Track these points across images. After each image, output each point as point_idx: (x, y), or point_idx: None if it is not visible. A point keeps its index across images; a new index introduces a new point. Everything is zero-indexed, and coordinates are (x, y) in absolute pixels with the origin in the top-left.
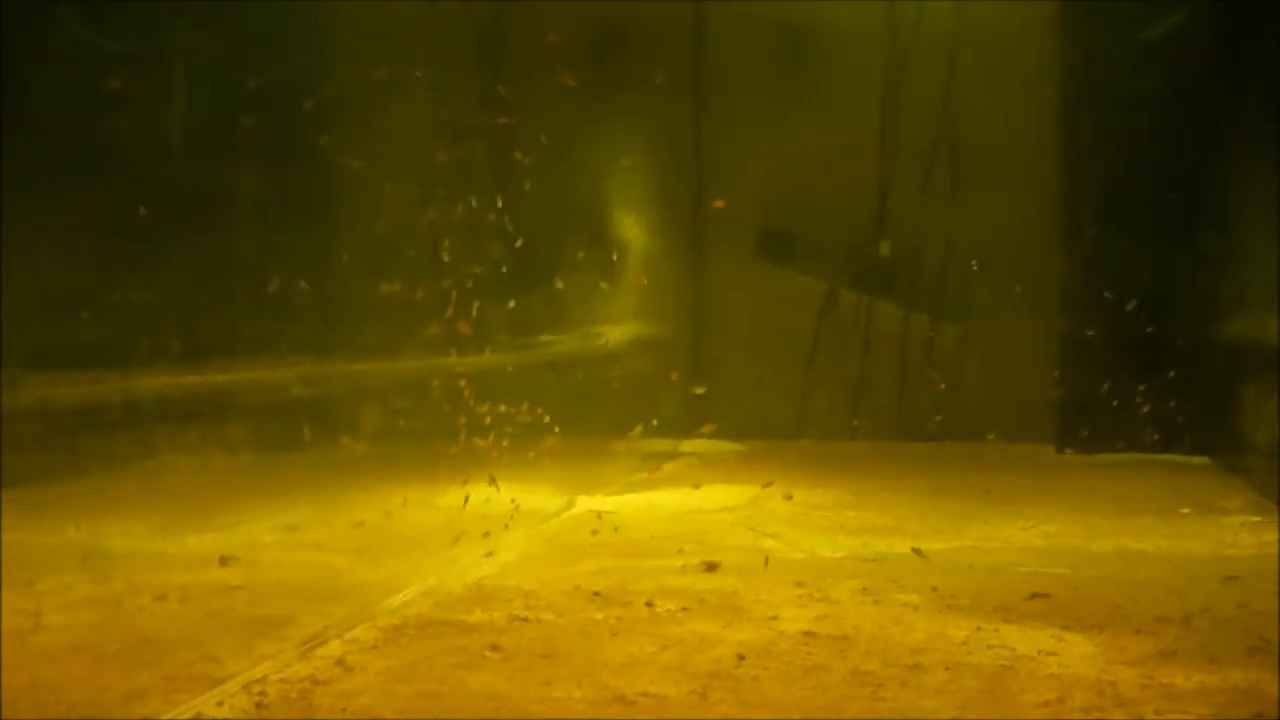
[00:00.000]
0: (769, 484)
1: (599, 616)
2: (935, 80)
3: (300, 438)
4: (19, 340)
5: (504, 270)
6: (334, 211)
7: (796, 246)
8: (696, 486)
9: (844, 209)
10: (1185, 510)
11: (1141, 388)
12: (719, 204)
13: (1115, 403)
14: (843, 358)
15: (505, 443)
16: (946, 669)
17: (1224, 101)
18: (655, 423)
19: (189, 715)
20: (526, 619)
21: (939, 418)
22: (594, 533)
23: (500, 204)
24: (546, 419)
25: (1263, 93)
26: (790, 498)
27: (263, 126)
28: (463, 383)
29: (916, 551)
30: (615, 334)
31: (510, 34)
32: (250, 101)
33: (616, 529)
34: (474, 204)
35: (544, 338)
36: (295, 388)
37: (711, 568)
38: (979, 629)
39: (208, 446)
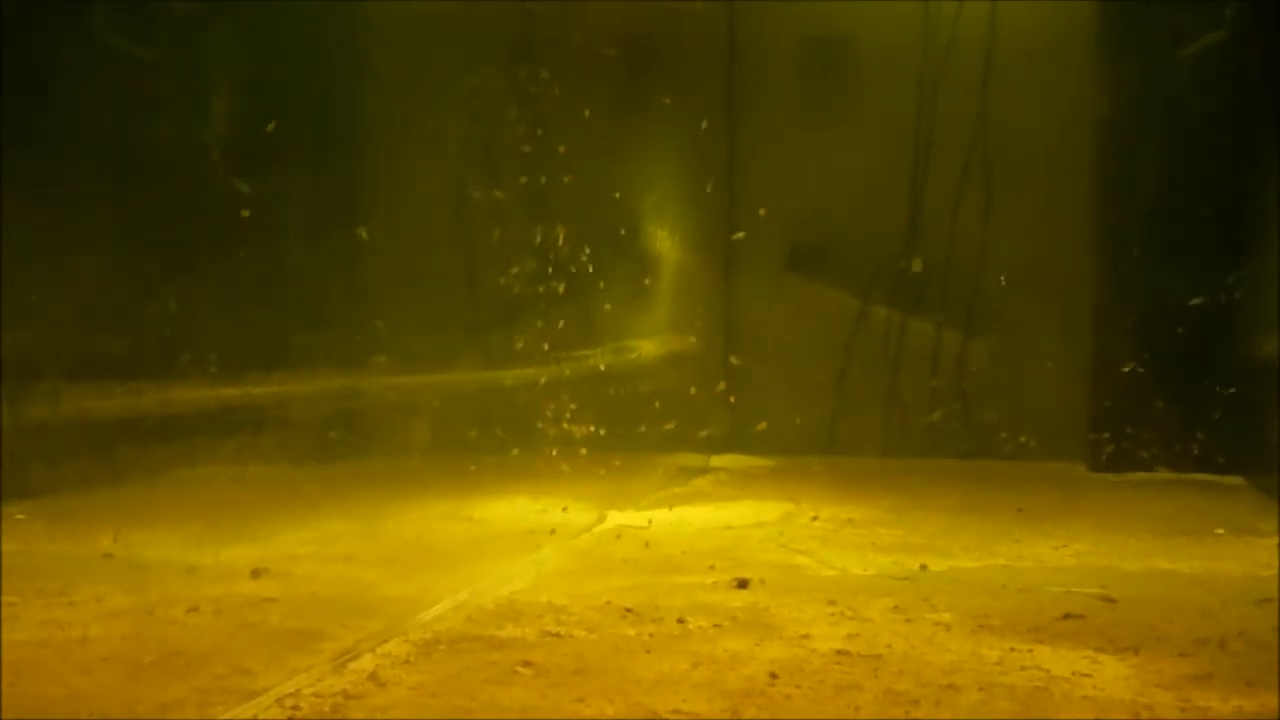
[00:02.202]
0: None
1: (631, 633)
2: (970, 94)
3: (336, 450)
4: (60, 351)
5: (539, 285)
6: (373, 225)
7: (828, 261)
8: (726, 501)
9: (877, 224)
10: (1219, 531)
11: (1175, 407)
12: (739, 236)
13: (1148, 422)
14: (874, 373)
15: (540, 456)
16: (980, 689)
17: (1267, 117)
18: (694, 435)
19: None
20: (558, 634)
21: (971, 435)
22: (617, 539)
23: (535, 220)
24: (580, 433)
25: None
26: (816, 518)
27: (302, 138)
28: (497, 396)
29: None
30: (648, 348)
31: (544, 50)
32: (289, 112)
33: (648, 544)
34: (509, 219)
35: (578, 352)
36: (333, 401)
37: (743, 584)
38: (1013, 649)
39: (244, 458)
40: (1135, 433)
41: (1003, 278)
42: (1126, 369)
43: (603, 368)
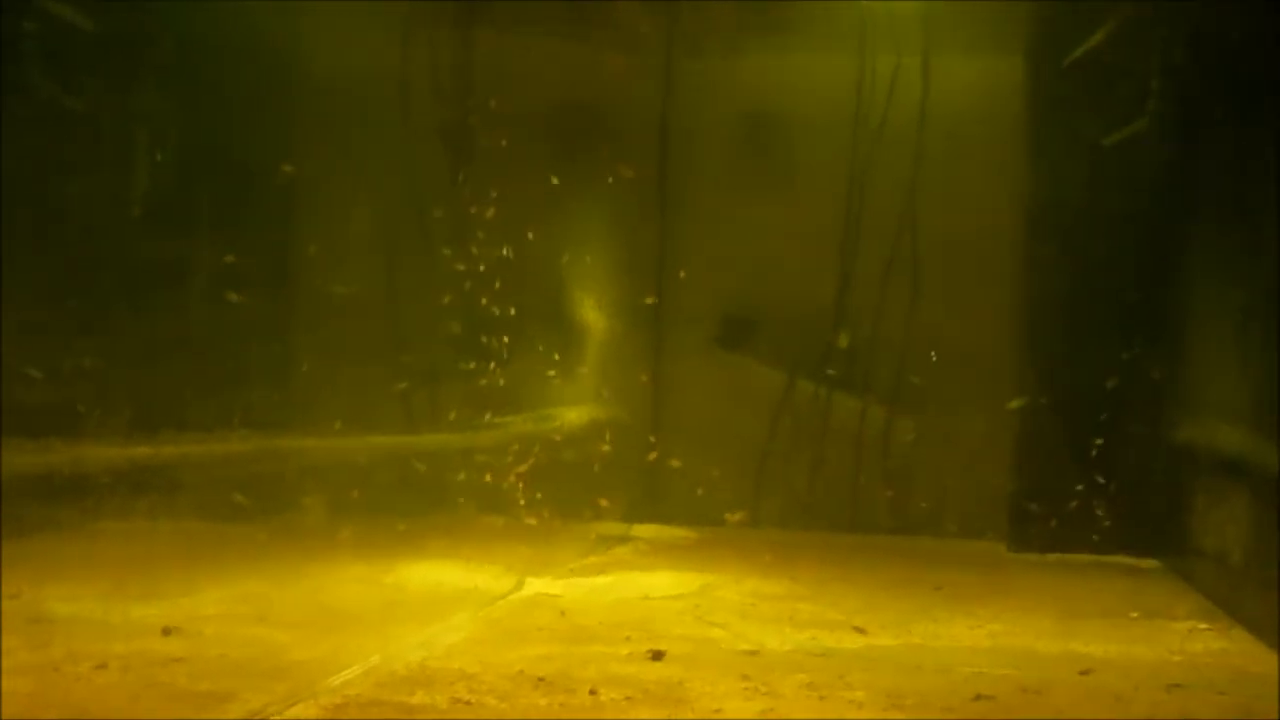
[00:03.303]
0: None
1: (542, 703)
2: (900, 173)
3: (251, 511)
4: None
5: (461, 351)
6: (290, 286)
7: (758, 333)
8: (645, 570)
9: (806, 298)
10: (1134, 614)
11: (1095, 488)
12: (651, 300)
13: (1068, 502)
14: (799, 447)
15: (459, 522)
16: None
17: (1188, 206)
18: (606, 505)
19: None
20: (469, 703)
21: (894, 511)
22: (534, 606)
23: (459, 286)
24: (500, 499)
25: (1222, 199)
26: (735, 592)
27: (227, 195)
28: (417, 460)
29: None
30: (571, 416)
31: (478, 116)
32: (216, 169)
33: (564, 613)
34: (433, 285)
35: (502, 418)
36: (250, 461)
37: (658, 656)
38: None
39: (156, 516)
40: (1054, 513)
41: (932, 353)
42: (1047, 450)
43: (525, 434)
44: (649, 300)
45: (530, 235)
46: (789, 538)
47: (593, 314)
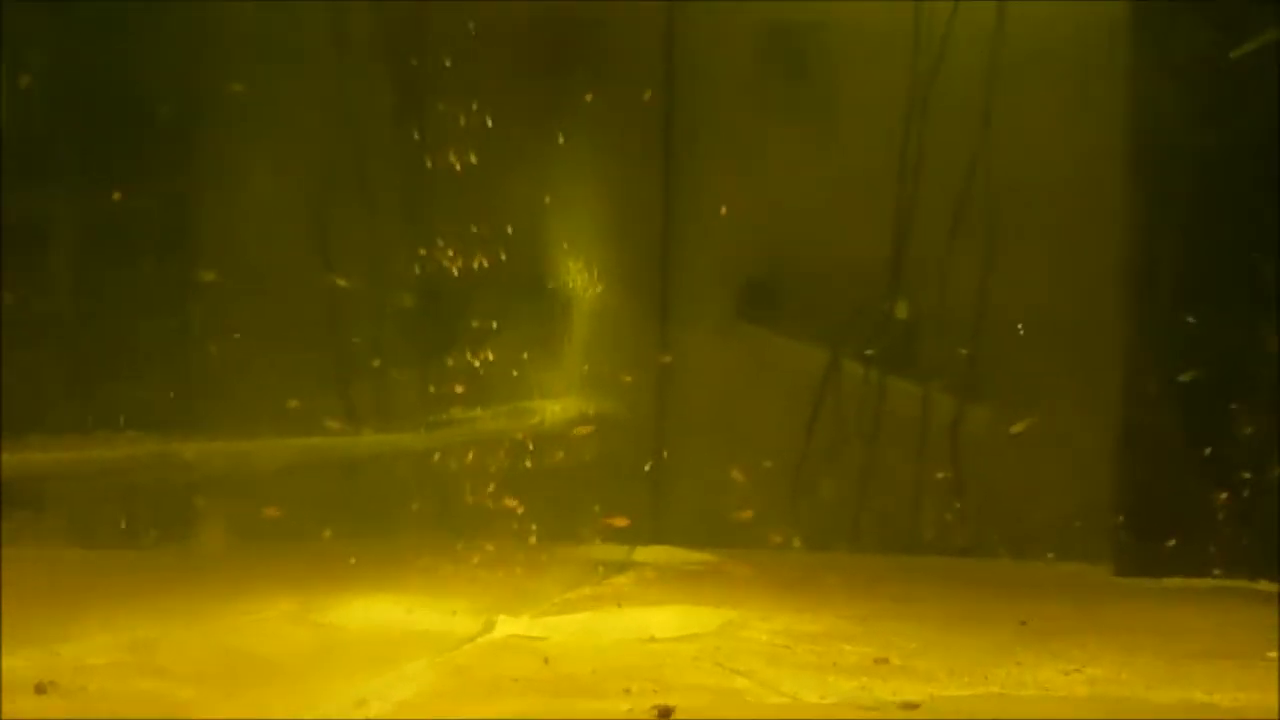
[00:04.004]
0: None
1: None
2: (969, 99)
3: (142, 533)
4: None
5: (415, 330)
6: (191, 250)
7: (789, 304)
8: (650, 605)
9: (852, 258)
10: (1271, 655)
11: (1221, 496)
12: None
13: (1188, 514)
14: (845, 447)
15: (412, 545)
16: None
17: None
18: (602, 521)
19: None
20: None
21: (965, 527)
22: (509, 652)
23: (411, 248)
24: (467, 517)
25: None
26: (765, 631)
27: (101, 136)
28: (361, 468)
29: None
30: (555, 410)
31: (438, 42)
32: (107, 115)
33: (548, 660)
34: (377, 247)
35: (468, 413)
36: (144, 470)
37: (665, 714)
38: None
39: (24, 541)
40: (1171, 529)
41: (1020, 326)
42: (1162, 451)
43: (496, 434)
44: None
45: (504, 179)
46: (831, 561)
47: (581, 279)
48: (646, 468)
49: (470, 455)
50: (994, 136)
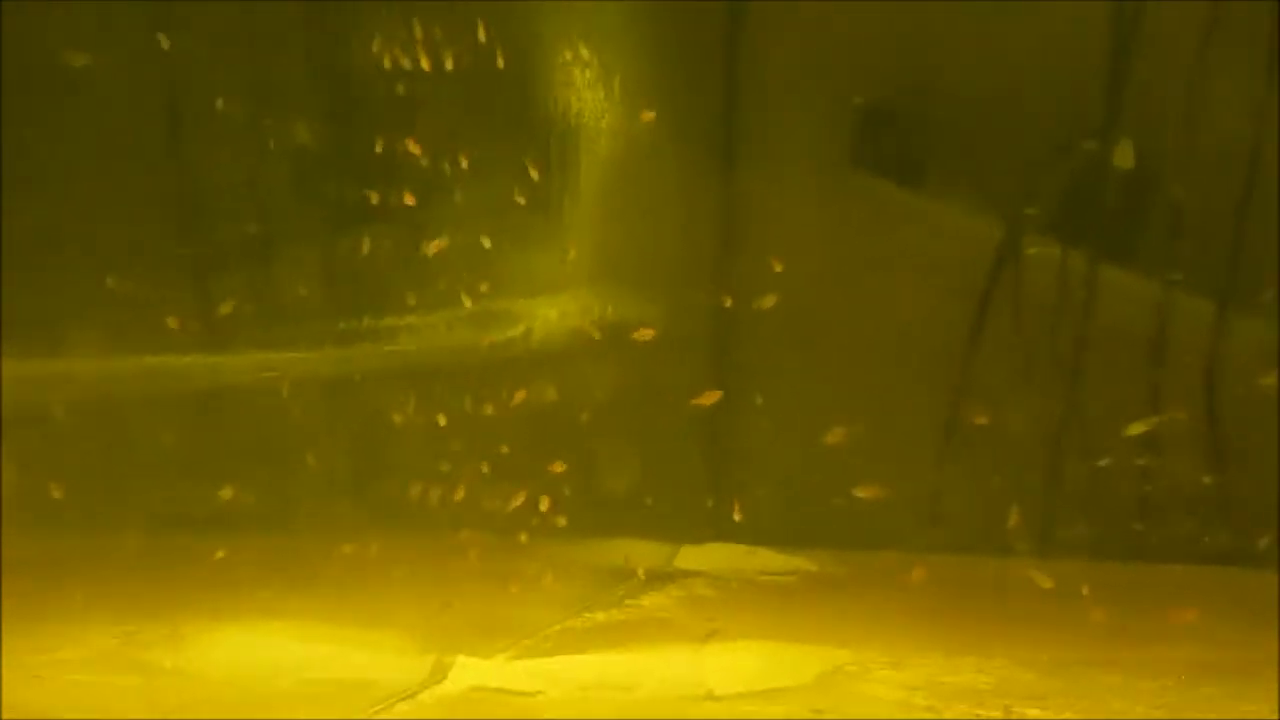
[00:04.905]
0: None
1: None
2: None
3: None
4: None
5: (318, 196)
6: None
7: (935, 146)
8: (705, 640)
9: (1033, 73)
10: None
11: None
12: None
13: None
14: (1025, 384)
15: (315, 538)
16: None
17: None
18: (646, 506)
19: None
20: None
21: (1231, 518)
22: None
23: (317, 55)
24: (407, 494)
25: None
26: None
27: None
28: (229, 408)
29: None
30: (549, 317)
31: None
32: None
33: None
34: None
35: (401, 321)
36: None
37: None
38: None
39: None
40: None
41: None
42: None
43: (451, 355)
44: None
45: None
46: (1003, 571)
47: (591, 118)
48: (707, 404)
49: (416, 392)
50: None
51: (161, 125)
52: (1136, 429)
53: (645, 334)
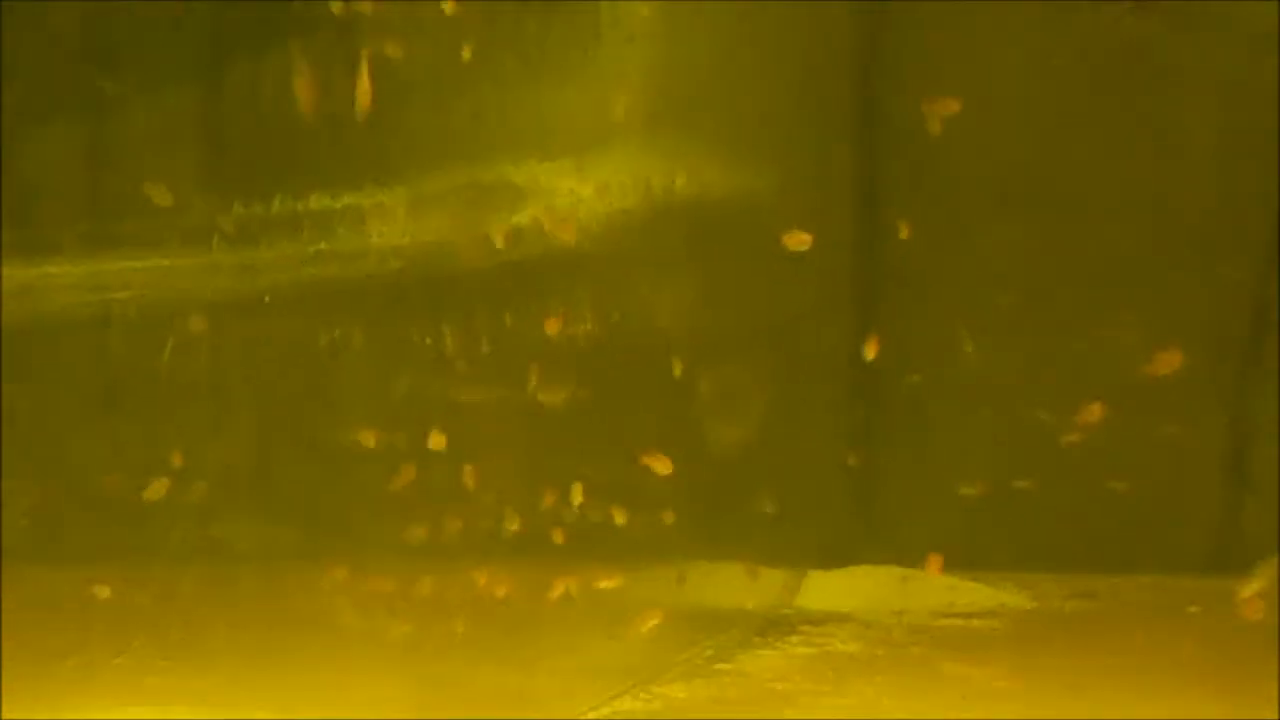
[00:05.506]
0: None
1: None
2: None
3: None
4: None
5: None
6: None
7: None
8: None
9: None
10: None
11: None
12: None
13: None
14: None
15: (227, 562)
16: None
17: None
18: (754, 511)
19: None
20: None
21: None
22: None
23: None
24: (363, 482)
25: None
26: None
27: None
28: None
29: None
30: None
31: None
32: None
33: None
34: None
35: (364, 237)
36: None
37: None
38: None
39: None
40: None
41: None
42: None
43: (418, 273)
44: None
45: None
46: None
47: None
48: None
49: (364, 338)
50: None
51: None
52: None
53: (800, 240)
